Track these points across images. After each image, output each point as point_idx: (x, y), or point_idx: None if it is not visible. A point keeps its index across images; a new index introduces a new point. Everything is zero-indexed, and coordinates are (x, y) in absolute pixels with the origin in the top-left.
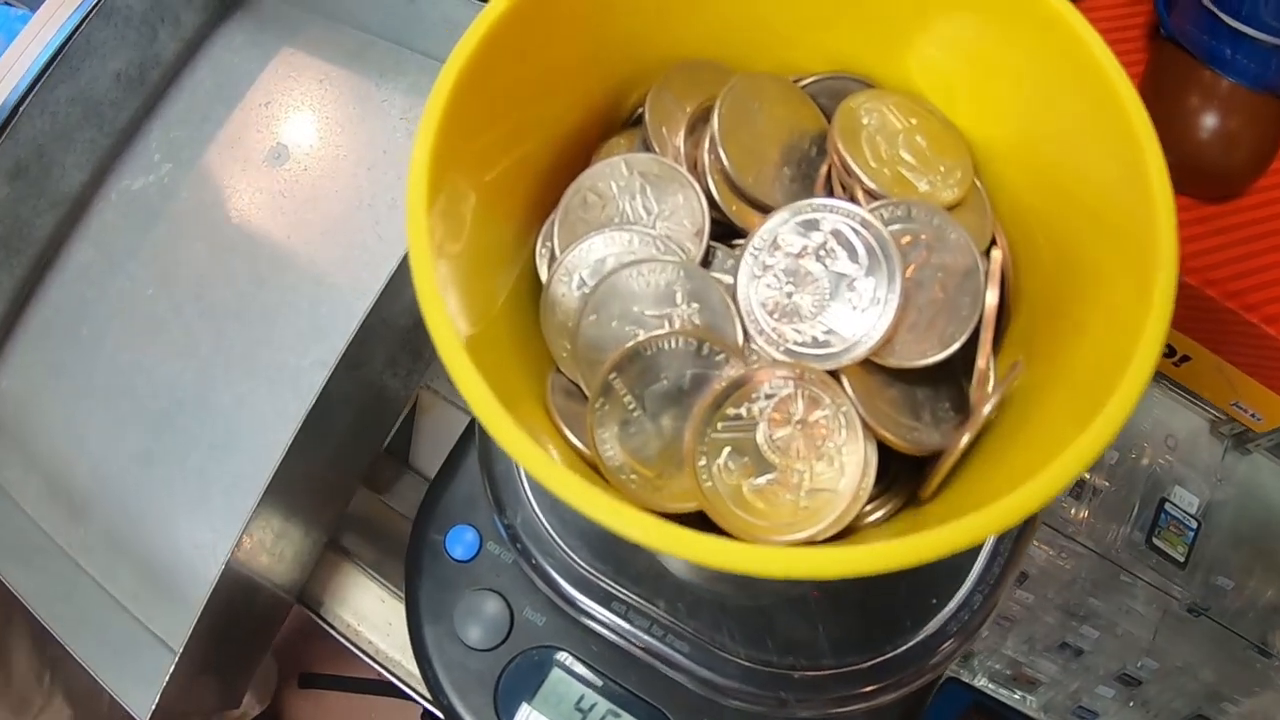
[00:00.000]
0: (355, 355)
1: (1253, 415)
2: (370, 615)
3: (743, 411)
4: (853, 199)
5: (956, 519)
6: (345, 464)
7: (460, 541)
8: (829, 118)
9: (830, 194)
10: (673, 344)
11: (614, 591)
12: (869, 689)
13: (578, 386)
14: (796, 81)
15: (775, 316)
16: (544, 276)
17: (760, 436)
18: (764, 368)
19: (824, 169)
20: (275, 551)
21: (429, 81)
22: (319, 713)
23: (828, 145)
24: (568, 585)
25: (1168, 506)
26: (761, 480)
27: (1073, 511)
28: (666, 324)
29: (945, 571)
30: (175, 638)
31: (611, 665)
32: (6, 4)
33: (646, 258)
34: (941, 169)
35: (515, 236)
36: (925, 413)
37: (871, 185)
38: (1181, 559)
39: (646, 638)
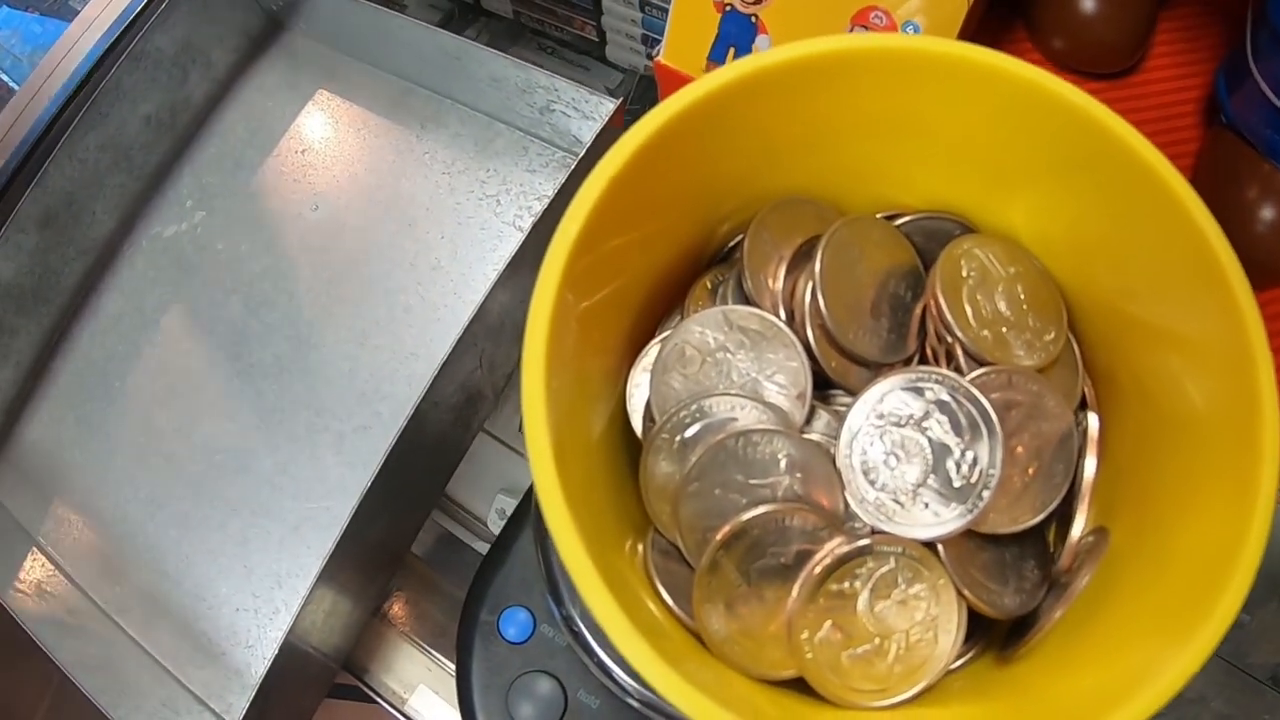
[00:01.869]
0: (417, 425)
1: None
2: (408, 679)
3: (845, 587)
4: (949, 355)
5: (1054, 694)
6: (398, 533)
7: (514, 623)
8: (923, 257)
9: (924, 342)
10: (781, 521)
11: None
12: None
13: (676, 548)
14: (891, 218)
15: (877, 487)
16: (636, 424)
17: (861, 610)
18: (868, 544)
19: (917, 314)
20: (327, 624)
21: (470, 133)
22: None
23: (927, 296)
24: (622, 673)
25: None
26: (860, 650)
27: None
28: (770, 493)
29: None
30: (217, 699)
31: None
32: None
33: (753, 426)
34: (1037, 325)
35: (605, 376)
36: (1012, 576)
37: (972, 347)
38: None
39: None
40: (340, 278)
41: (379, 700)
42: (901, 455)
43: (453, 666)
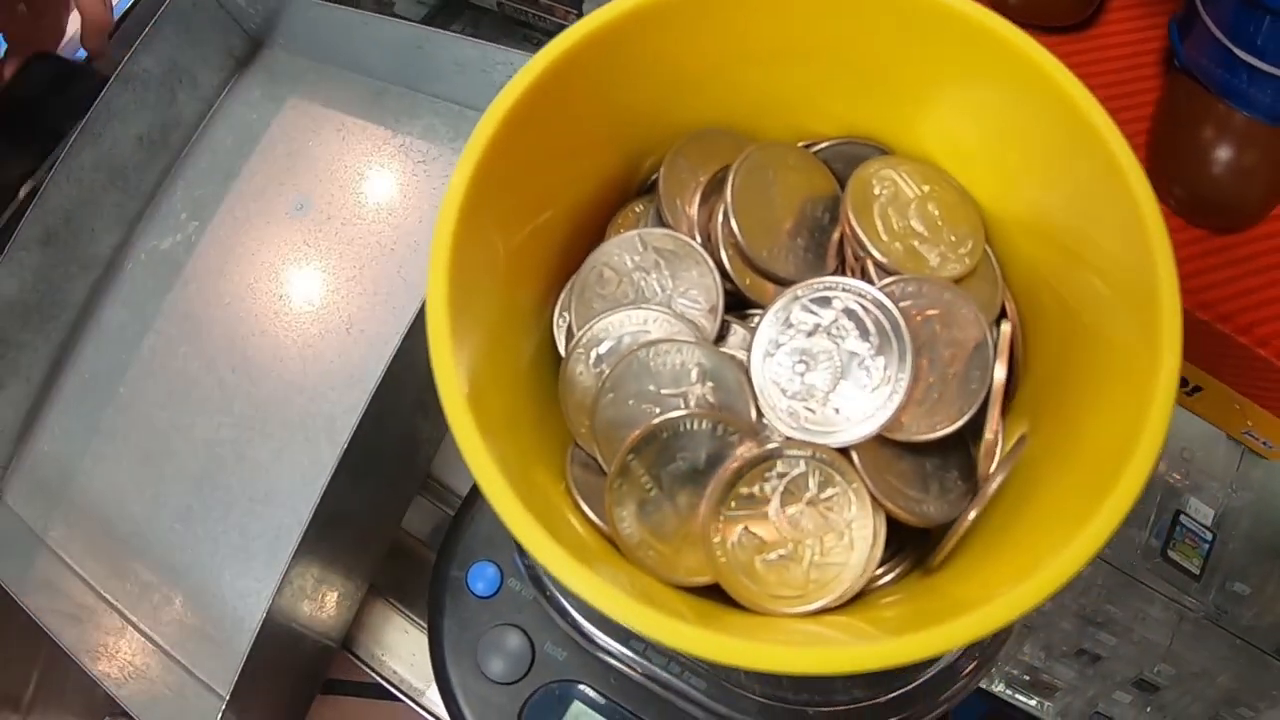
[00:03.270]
0: (383, 400)
1: (1264, 443)
2: (395, 647)
3: (756, 490)
4: (864, 271)
5: (967, 595)
6: (383, 508)
7: (482, 578)
8: (842, 183)
9: (842, 262)
10: (689, 425)
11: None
12: None
13: (596, 461)
14: (809, 146)
15: (788, 395)
16: (562, 349)
17: (773, 514)
18: (777, 447)
19: (835, 237)
20: (316, 598)
21: (443, 124)
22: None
23: (840, 215)
24: (587, 623)
25: (1182, 519)
26: (774, 555)
27: None
28: (682, 403)
29: None
30: (222, 683)
31: (631, 699)
32: None
33: (663, 338)
34: (953, 238)
35: (533, 306)
36: (934, 484)
37: (883, 260)
38: (1196, 571)
39: (664, 674)
40: (327, 270)
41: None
42: (810, 363)
43: None
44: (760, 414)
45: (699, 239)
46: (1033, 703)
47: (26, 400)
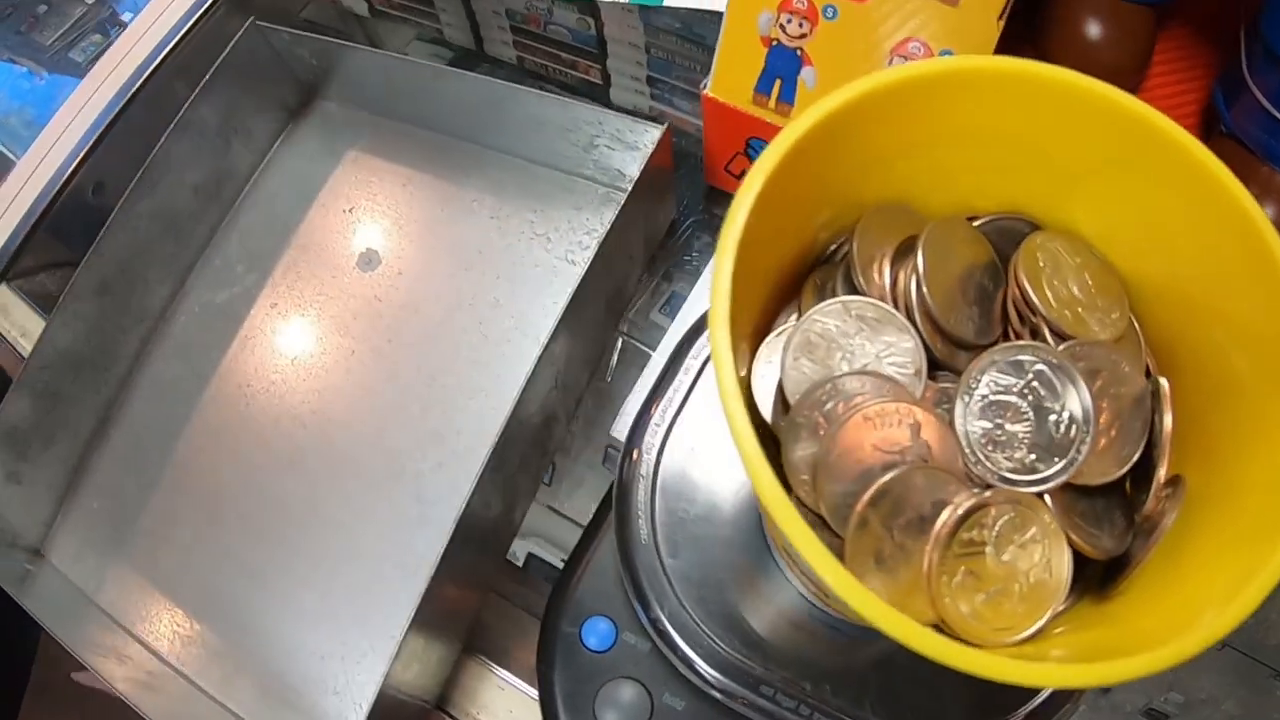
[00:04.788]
0: (498, 460)
1: None
2: (491, 705)
3: (974, 535)
4: (1034, 333)
5: (1148, 624)
6: (482, 569)
7: (595, 633)
8: (999, 251)
9: (1007, 324)
10: (915, 480)
11: (762, 675)
12: None
13: (818, 517)
14: (970, 220)
15: (990, 448)
16: (765, 411)
17: (989, 555)
18: (990, 495)
19: (999, 301)
20: (422, 662)
21: (512, 178)
22: None
23: (1009, 282)
24: (716, 673)
25: None
26: (990, 592)
27: None
28: (901, 458)
29: None
30: None
31: None
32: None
33: (883, 400)
34: (1103, 305)
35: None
36: (1105, 522)
37: (1056, 324)
38: None
39: (793, 716)
40: (400, 325)
41: None
42: (1008, 417)
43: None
44: (968, 466)
45: (890, 305)
46: None
47: (74, 456)
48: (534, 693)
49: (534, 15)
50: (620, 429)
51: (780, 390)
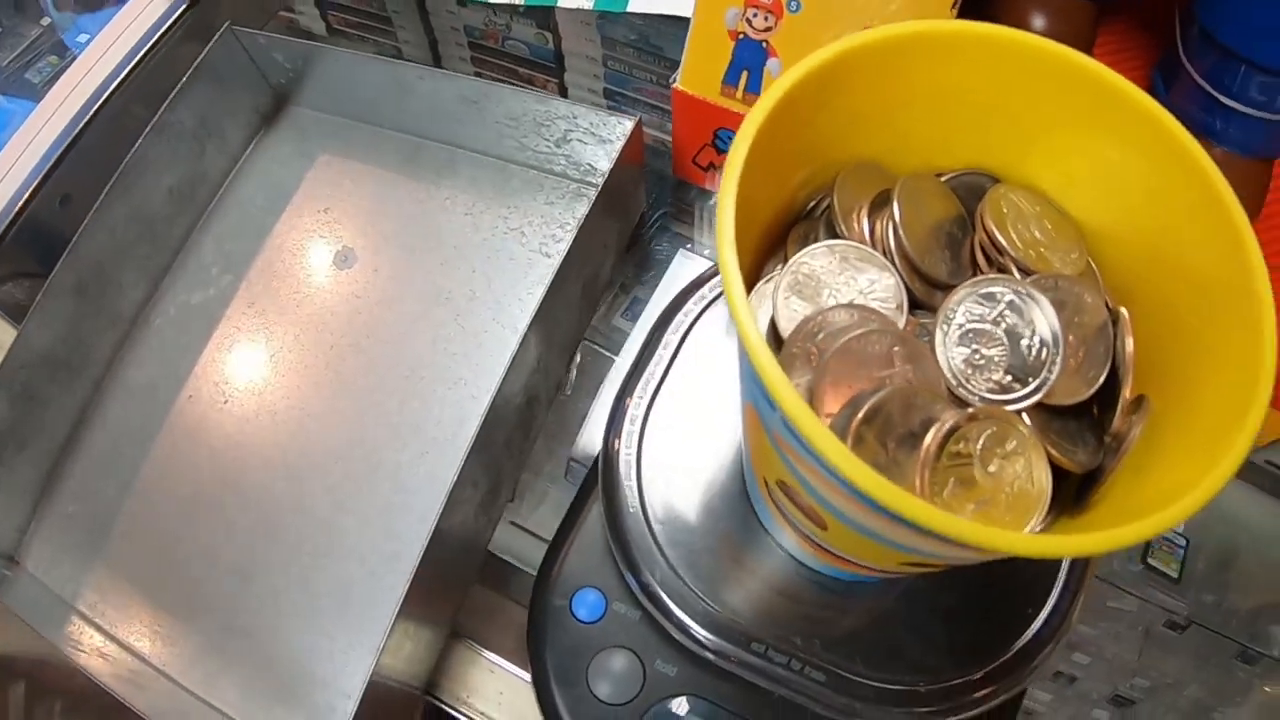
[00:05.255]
0: (484, 440)
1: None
2: (480, 688)
3: (962, 448)
4: (1002, 270)
5: (1113, 525)
6: (468, 554)
7: (584, 604)
8: (966, 206)
9: (976, 267)
10: (905, 398)
11: (753, 634)
12: (982, 694)
13: None
14: (938, 176)
15: (971, 370)
16: None
17: (977, 468)
18: (975, 411)
19: (967, 247)
20: (409, 649)
21: (486, 176)
22: None
23: (976, 227)
24: (708, 633)
25: None
26: (979, 502)
27: None
28: (890, 381)
29: (1036, 586)
30: None
31: (744, 704)
32: None
33: (869, 328)
34: (1063, 246)
35: None
36: (1077, 439)
37: (1022, 261)
38: (1175, 575)
39: (785, 672)
40: (378, 320)
41: (448, 708)
42: (984, 344)
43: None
44: (950, 388)
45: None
46: None
47: (48, 460)
48: (523, 674)
49: (492, 31)
50: (583, 447)
51: (773, 328)
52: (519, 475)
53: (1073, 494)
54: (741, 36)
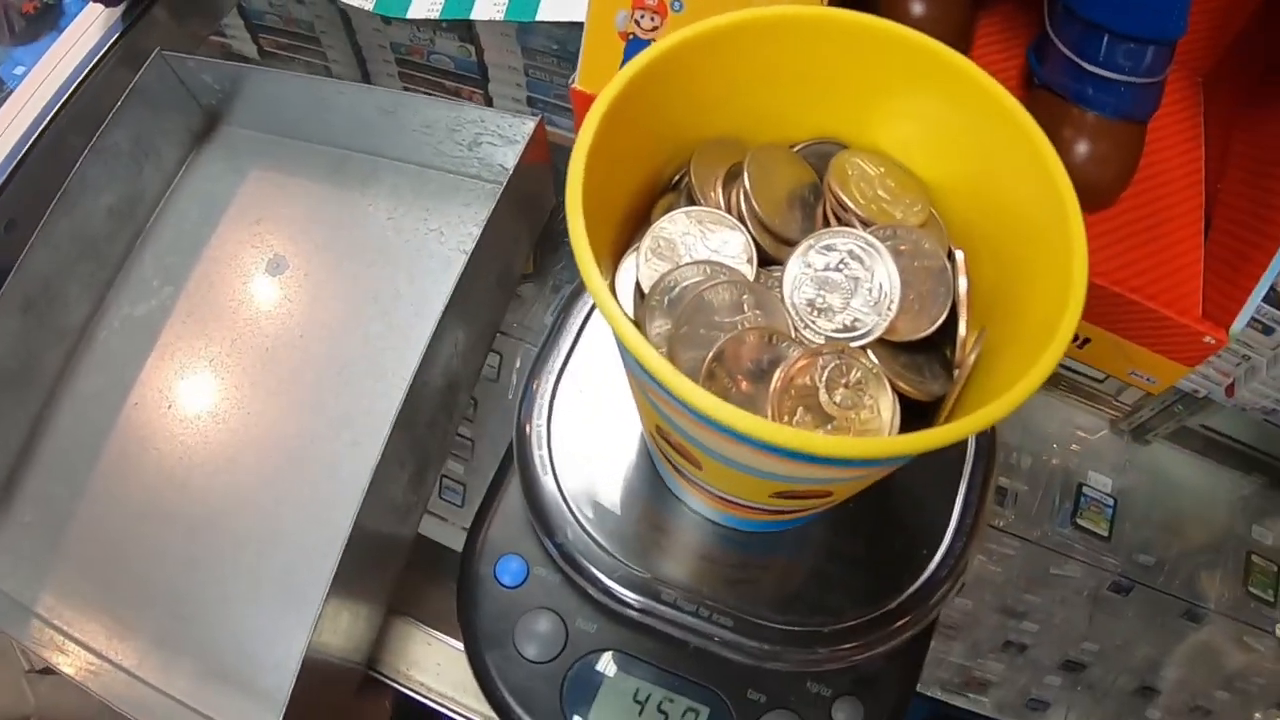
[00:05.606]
0: (407, 417)
1: (1148, 379)
2: (420, 660)
3: (807, 380)
4: (848, 226)
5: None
6: (398, 531)
7: (508, 571)
8: (818, 172)
9: (826, 225)
10: (752, 339)
11: (662, 586)
12: (885, 632)
13: None
14: (791, 147)
15: (814, 314)
16: (626, 304)
17: (823, 397)
18: (818, 347)
19: (820, 208)
20: (346, 628)
21: (406, 183)
22: None
23: (824, 190)
24: (622, 589)
25: (1085, 489)
26: (828, 428)
27: (999, 522)
28: (740, 325)
29: (931, 529)
30: None
31: (662, 655)
32: None
33: (719, 280)
34: (906, 201)
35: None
36: (926, 372)
37: (864, 216)
38: (1105, 534)
39: (695, 620)
40: (309, 321)
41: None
42: (828, 289)
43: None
44: (797, 329)
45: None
46: (969, 700)
47: (3, 472)
48: (460, 645)
49: (417, 46)
50: None
51: (638, 286)
52: (446, 456)
53: (929, 419)
54: (631, 37)
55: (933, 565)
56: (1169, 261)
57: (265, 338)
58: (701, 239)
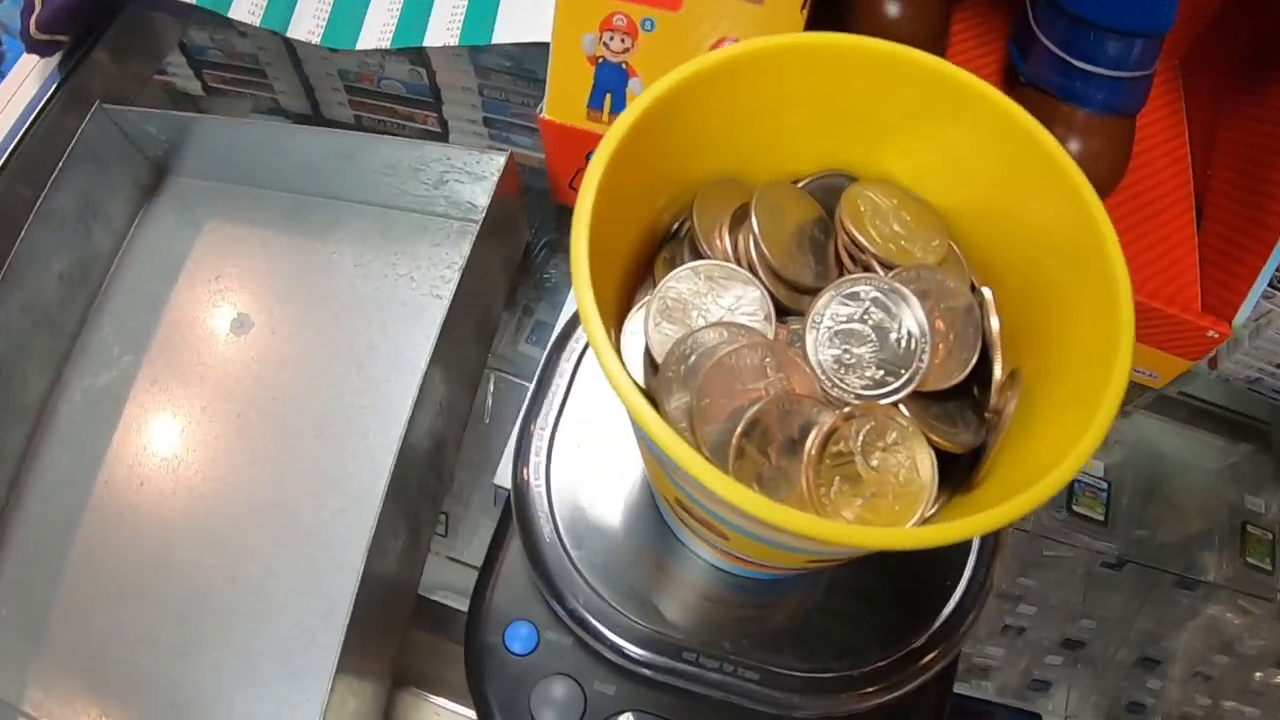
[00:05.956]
0: (397, 488)
1: (1149, 375)
2: None
3: (842, 447)
4: (866, 269)
5: (1001, 498)
6: (399, 601)
7: (518, 637)
8: (825, 207)
9: (841, 267)
10: (781, 407)
11: (681, 643)
12: (914, 668)
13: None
14: (795, 183)
15: (842, 370)
16: (636, 374)
17: (859, 463)
18: (850, 410)
19: (831, 248)
20: (352, 705)
21: (370, 226)
22: None
23: (835, 227)
24: (639, 649)
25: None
26: (867, 496)
27: None
28: (764, 391)
29: (952, 558)
30: None
31: (685, 712)
32: None
33: (738, 344)
34: (924, 235)
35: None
36: (958, 420)
37: (883, 257)
38: (1101, 518)
39: (719, 676)
40: (281, 382)
41: None
42: (854, 343)
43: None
44: (825, 391)
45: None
46: (972, 686)
47: None
48: (470, 712)
49: (366, 73)
50: (504, 475)
51: (648, 353)
52: (437, 516)
53: (964, 470)
54: (601, 60)
55: (957, 595)
56: (1163, 255)
57: (236, 403)
58: (713, 297)
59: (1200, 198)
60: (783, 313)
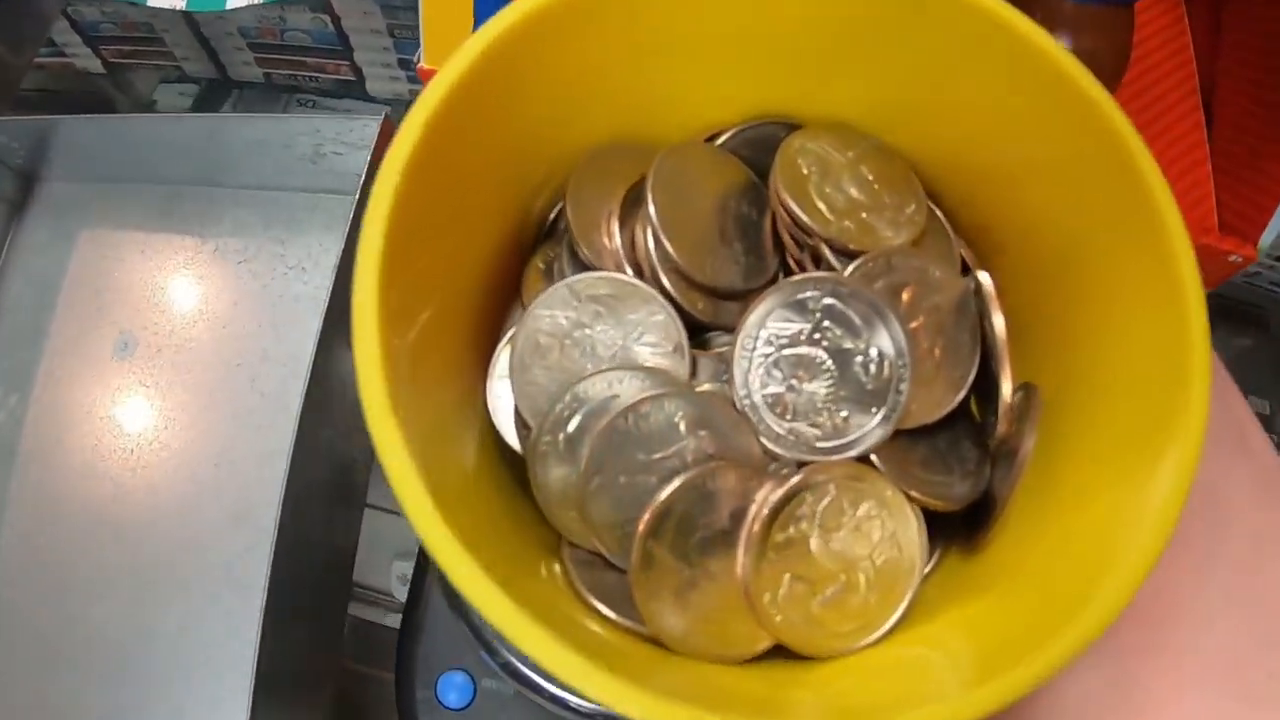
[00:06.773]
0: (291, 530)
1: None
2: None
3: (792, 532)
4: (816, 257)
5: (1030, 585)
6: (323, 636)
7: (453, 688)
8: (757, 169)
9: (784, 256)
10: (701, 485)
11: None
12: None
13: (598, 555)
14: (713, 139)
15: (789, 417)
16: (510, 439)
17: (817, 552)
18: (800, 480)
19: (767, 230)
20: None
21: (252, 214)
22: None
23: (773, 204)
24: (582, 701)
25: None
26: (829, 592)
27: None
28: (679, 461)
29: None
30: None
31: None
32: None
33: (637, 398)
34: (893, 201)
35: (462, 399)
36: (953, 461)
37: (839, 243)
38: None
39: None
40: (173, 407)
41: None
42: (803, 375)
43: None
44: (765, 447)
45: (629, 272)
46: None
47: None
48: None
49: (268, 27)
50: None
51: (518, 414)
52: (355, 550)
53: (960, 516)
54: None
55: None
56: (1169, 168)
57: (126, 437)
58: (602, 326)
59: (1208, 96)
60: (701, 330)
